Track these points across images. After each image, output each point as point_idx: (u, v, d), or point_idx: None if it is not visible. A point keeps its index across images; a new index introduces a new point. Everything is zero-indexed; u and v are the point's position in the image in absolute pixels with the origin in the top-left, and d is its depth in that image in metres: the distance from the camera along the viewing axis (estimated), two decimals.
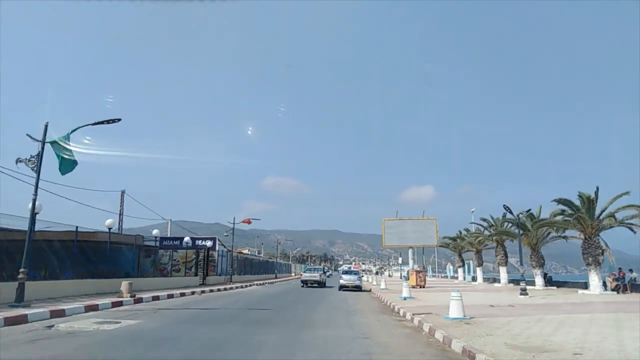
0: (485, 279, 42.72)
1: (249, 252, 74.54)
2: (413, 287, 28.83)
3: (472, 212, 49.34)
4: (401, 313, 13.35)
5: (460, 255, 48.97)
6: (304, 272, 34.23)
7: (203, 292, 22.06)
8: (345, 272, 31.76)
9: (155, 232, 27.53)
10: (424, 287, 30.01)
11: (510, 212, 23.84)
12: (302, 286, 30.48)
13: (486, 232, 37.37)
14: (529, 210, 26.42)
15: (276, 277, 55.77)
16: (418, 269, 31.49)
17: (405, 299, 18.71)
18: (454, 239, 48.76)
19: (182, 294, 19.59)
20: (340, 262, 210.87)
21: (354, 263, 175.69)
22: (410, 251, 33.19)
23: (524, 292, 20.40)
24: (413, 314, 12.02)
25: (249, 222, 34.29)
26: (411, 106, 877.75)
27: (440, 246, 48.98)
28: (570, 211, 24.48)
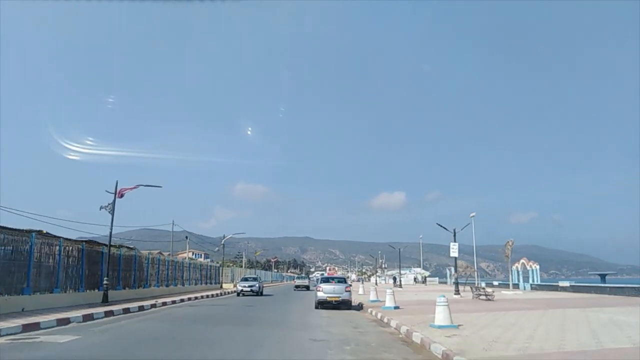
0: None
1: (193, 256, 56.58)
2: None
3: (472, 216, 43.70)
4: None
5: None
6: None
7: None
8: (325, 280, 20.86)
9: None
10: None
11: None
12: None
13: None
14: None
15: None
16: None
17: None
18: None
19: None
20: (312, 269, 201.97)
21: (328, 268, 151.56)
22: None
23: None
24: None
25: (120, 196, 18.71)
26: (381, 111, 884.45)
27: None
28: None
